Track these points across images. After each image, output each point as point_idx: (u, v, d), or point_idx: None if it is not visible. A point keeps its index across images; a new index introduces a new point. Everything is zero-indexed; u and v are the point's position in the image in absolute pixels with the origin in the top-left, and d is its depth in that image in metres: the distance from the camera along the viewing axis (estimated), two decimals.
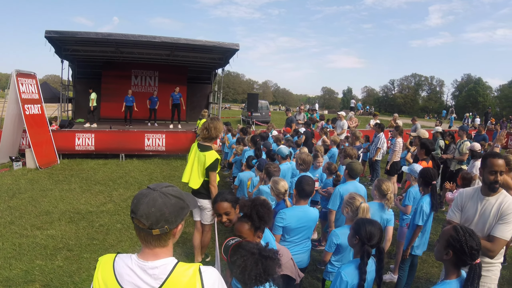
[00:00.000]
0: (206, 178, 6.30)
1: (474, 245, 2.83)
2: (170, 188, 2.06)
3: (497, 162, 3.86)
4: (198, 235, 6.70)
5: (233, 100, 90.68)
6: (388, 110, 73.03)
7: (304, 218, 4.83)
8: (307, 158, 7.09)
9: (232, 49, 17.56)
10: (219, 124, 6.35)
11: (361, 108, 53.23)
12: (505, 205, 3.81)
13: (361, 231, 3.49)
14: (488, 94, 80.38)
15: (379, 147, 12.58)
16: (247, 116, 27.41)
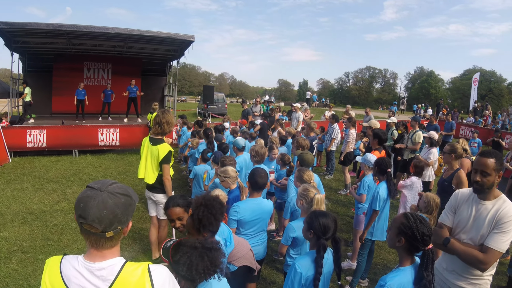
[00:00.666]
0: (161, 172, 6.24)
1: (425, 231, 2.88)
2: (116, 186, 2.01)
3: (481, 160, 3.51)
4: (154, 230, 6.64)
5: (189, 93, 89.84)
6: (343, 101, 73.94)
7: (258, 211, 4.86)
8: (260, 150, 7.10)
9: (187, 40, 17.43)
10: (171, 117, 6.29)
11: (317, 100, 53.66)
12: (502, 212, 3.41)
13: (315, 225, 3.49)
14: (440, 86, 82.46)
15: (333, 137, 12.82)
16: (203, 108, 27.18)
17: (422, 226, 2.90)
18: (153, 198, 6.46)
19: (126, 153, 16.37)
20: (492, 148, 14.28)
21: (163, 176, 6.24)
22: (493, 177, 3.46)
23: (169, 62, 23.16)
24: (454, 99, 72.99)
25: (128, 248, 7.27)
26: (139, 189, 9.46)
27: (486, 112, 30.96)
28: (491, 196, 3.52)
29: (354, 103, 72.70)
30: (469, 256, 3.45)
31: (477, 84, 35.54)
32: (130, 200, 2.02)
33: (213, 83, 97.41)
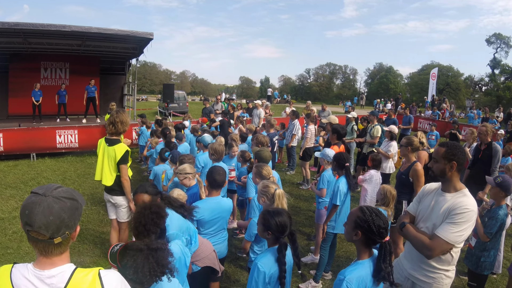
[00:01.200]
0: (119, 173, 6.10)
1: (381, 223, 2.93)
2: (61, 190, 1.97)
3: (435, 149, 3.77)
4: (115, 234, 6.49)
5: (150, 91, 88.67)
6: (304, 98, 74.37)
7: (218, 210, 4.82)
8: (218, 148, 7.06)
9: (146, 38, 17.11)
10: (125, 117, 6.17)
11: (278, 97, 53.89)
12: (457, 204, 3.49)
13: (271, 225, 3.45)
14: (399, 82, 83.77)
15: (294, 133, 12.89)
16: (164, 107, 26.95)
17: (378, 219, 2.94)
18: (112, 201, 6.31)
19: (85, 155, 16.03)
20: (449, 140, 14.67)
21: (121, 177, 6.10)
22: (442, 165, 3.60)
23: (128, 61, 22.75)
24: (413, 94, 74.49)
25: (89, 253, 7.14)
26: (99, 192, 9.33)
27: (443, 105, 31.68)
28: (452, 189, 3.62)
29: (315, 99, 73.20)
30: (418, 241, 3.59)
31: (435, 79, 36.27)
32: (77, 203, 1.98)
33: (174, 81, 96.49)
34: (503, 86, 59.35)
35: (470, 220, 3.43)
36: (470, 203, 3.47)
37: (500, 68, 66.44)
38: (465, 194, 3.55)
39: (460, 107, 54.55)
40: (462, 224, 3.40)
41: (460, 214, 3.41)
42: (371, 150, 11.13)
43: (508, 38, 66.07)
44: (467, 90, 73.87)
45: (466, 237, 3.51)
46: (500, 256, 6.73)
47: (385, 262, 2.93)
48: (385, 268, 2.92)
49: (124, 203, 6.27)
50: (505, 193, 5.22)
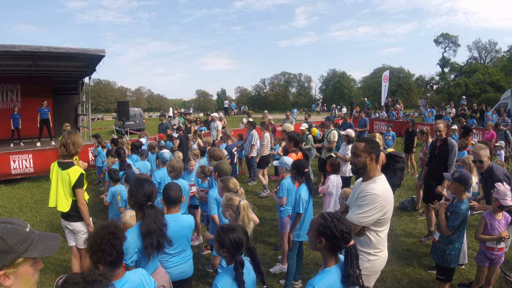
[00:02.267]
0: (75, 198, 5.86)
1: (344, 228, 2.92)
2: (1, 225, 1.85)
3: (354, 144, 4.15)
4: (76, 261, 6.25)
5: (106, 110, 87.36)
6: (262, 108, 74.58)
7: (177, 227, 4.57)
8: (176, 165, 6.88)
9: (98, 55, 16.78)
10: (76, 138, 5.91)
11: (235, 108, 53.97)
12: (362, 188, 3.93)
13: (226, 242, 3.36)
14: (352, 86, 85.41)
15: (253, 144, 12.88)
16: (120, 125, 26.52)
17: (340, 224, 2.93)
18: (70, 227, 6.07)
19: (41, 180, 15.52)
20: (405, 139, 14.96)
21: (78, 202, 5.87)
22: (363, 158, 3.96)
23: (81, 79, 22.11)
24: (366, 97, 75.85)
25: (51, 283, 6.81)
26: (58, 218, 8.97)
27: (397, 106, 32.36)
28: (367, 177, 4.01)
29: (272, 109, 73.84)
30: None
31: (388, 81, 36.97)
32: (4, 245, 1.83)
33: (130, 98, 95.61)
34: (453, 83, 61.01)
35: (372, 202, 3.78)
36: (375, 187, 3.86)
37: (450, 66, 68.64)
38: (374, 181, 3.96)
39: (413, 106, 55.94)
40: (364, 206, 3.79)
41: (362, 197, 3.83)
42: (329, 155, 11.23)
43: (456, 37, 68.49)
44: (419, 90, 76.05)
45: (374, 220, 3.83)
46: (464, 247, 6.93)
47: (353, 266, 2.91)
48: (353, 272, 2.90)
49: (82, 229, 6.03)
50: (465, 187, 5.31)
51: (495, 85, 52.48)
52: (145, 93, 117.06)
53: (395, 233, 8.70)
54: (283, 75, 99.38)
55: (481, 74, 55.51)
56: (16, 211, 11.42)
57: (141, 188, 4.05)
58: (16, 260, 1.87)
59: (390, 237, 8.35)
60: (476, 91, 53.31)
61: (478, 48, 68.81)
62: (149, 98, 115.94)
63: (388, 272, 6.83)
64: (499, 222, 5.44)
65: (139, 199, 4.02)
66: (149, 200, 4.05)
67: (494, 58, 67.22)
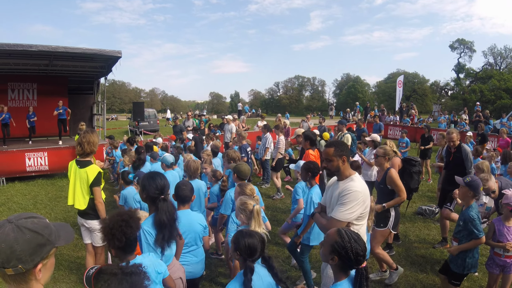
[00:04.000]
0: (92, 196, 5.89)
1: (359, 250, 2.83)
2: (29, 220, 1.87)
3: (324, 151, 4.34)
4: (91, 258, 6.25)
5: (120, 110, 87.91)
6: (275, 111, 74.65)
7: (187, 222, 4.72)
8: (191, 165, 7.03)
9: (114, 56, 16.83)
10: (92, 137, 5.94)
11: (249, 111, 53.98)
12: (343, 187, 4.12)
13: (241, 246, 3.35)
14: (366, 91, 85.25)
15: (267, 147, 12.91)
16: (134, 126, 26.67)
17: (356, 245, 2.84)
18: (86, 225, 6.09)
19: (56, 177, 15.71)
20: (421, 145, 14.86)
21: (95, 200, 5.91)
22: (335, 162, 4.20)
23: (96, 80, 22.29)
24: (381, 102, 75.56)
25: (65, 279, 6.91)
26: (72, 215, 9.12)
27: (412, 111, 32.18)
28: (343, 177, 4.25)
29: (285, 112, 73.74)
30: (320, 224, 4.33)
31: (402, 86, 36.81)
32: (41, 239, 1.86)
33: (144, 99, 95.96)
34: (468, 89, 60.60)
35: (355, 199, 4.02)
36: (355, 185, 4.10)
37: (465, 72, 67.86)
38: (352, 179, 4.19)
39: (427, 112, 55.58)
40: (348, 204, 4.00)
41: (345, 195, 4.03)
42: None
43: (471, 43, 67.91)
44: (434, 95, 75.46)
45: (358, 214, 4.06)
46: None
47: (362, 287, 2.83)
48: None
49: (98, 227, 6.04)
50: (473, 193, 5.29)
51: (510, 92, 52.04)
52: (159, 94, 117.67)
53: (408, 239, 8.65)
54: (296, 79, 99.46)
55: (496, 80, 55.11)
56: (31, 208, 11.52)
57: (153, 182, 4.12)
58: (51, 251, 1.92)
59: (404, 243, 8.38)
60: (491, 98, 52.94)
61: (494, 54, 67.98)
62: (163, 99, 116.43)
63: (401, 278, 6.77)
64: (508, 229, 5.38)
65: (152, 192, 4.09)
66: (161, 193, 4.11)
67: (510, 64, 66.41)
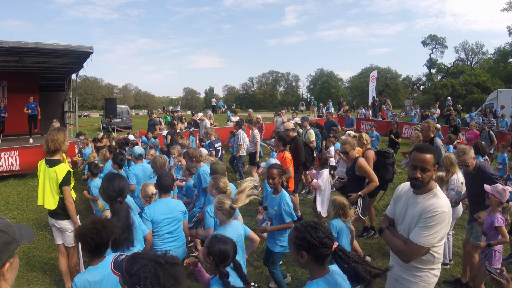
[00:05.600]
0: (62, 196, 5.81)
1: (320, 234, 2.71)
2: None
3: (418, 156, 3.56)
4: (63, 259, 6.19)
5: (93, 107, 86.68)
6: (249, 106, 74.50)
7: (168, 209, 5.11)
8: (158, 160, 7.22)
9: (85, 52, 16.61)
10: (57, 134, 5.83)
11: (223, 106, 53.89)
12: (426, 206, 3.49)
13: (215, 250, 3.40)
14: (340, 86, 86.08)
15: (240, 143, 12.91)
16: (107, 123, 26.38)
17: (315, 230, 2.72)
18: (57, 225, 6.02)
19: (28, 177, 15.29)
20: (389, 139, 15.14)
21: (64, 200, 5.82)
22: (432, 173, 3.55)
23: (68, 76, 21.97)
24: (354, 97, 76.39)
25: (39, 281, 6.85)
26: (45, 216, 8.94)
27: (383, 107, 32.58)
28: (425, 190, 3.60)
29: (259, 107, 73.94)
30: (394, 246, 3.70)
31: (375, 81, 37.20)
32: (7, 237, 1.86)
33: (116, 96, 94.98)
34: (440, 84, 61.51)
35: (442, 221, 3.43)
36: (441, 204, 3.46)
37: (436, 67, 69.16)
38: (435, 194, 3.56)
39: (399, 106, 56.35)
40: (434, 227, 3.41)
41: (431, 217, 3.41)
42: None
43: (443, 39, 68.97)
44: (406, 90, 76.59)
45: (440, 238, 3.49)
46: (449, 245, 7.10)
47: (349, 265, 2.65)
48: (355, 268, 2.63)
49: (69, 227, 5.97)
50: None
51: (481, 87, 52.85)
52: (132, 90, 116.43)
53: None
54: (271, 74, 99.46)
55: (467, 75, 55.91)
56: (2, 209, 11.31)
57: (112, 183, 4.20)
58: (16, 249, 1.91)
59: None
60: (462, 92, 53.67)
61: (465, 50, 69.47)
62: (136, 95, 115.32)
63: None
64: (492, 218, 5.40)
65: (110, 194, 4.18)
66: (119, 196, 4.18)
67: (481, 60, 67.85)
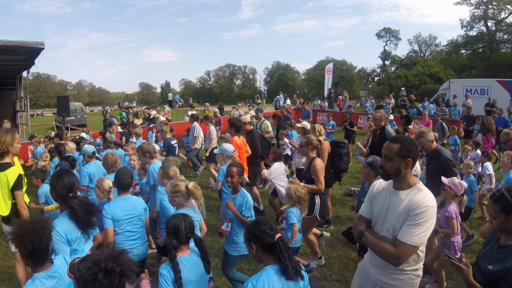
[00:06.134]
0: (14, 201, 5.59)
1: (262, 227, 3.15)
2: None
3: (385, 145, 3.48)
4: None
5: (46, 105, 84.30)
6: (207, 100, 74.32)
7: (129, 206, 5.02)
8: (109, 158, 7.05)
9: (36, 48, 16.24)
10: (5, 136, 5.56)
11: (180, 101, 53.49)
12: (414, 202, 3.27)
13: (168, 226, 3.65)
14: (296, 78, 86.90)
15: (196, 135, 12.92)
16: (60, 121, 25.72)
17: (259, 224, 3.19)
18: None
19: None
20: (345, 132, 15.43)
21: (17, 205, 5.58)
22: (397, 163, 3.34)
23: (19, 74, 21.33)
24: (310, 89, 77.23)
25: None
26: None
27: (340, 97, 33.06)
28: (405, 185, 3.41)
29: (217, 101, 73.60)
30: (381, 250, 3.36)
31: (331, 73, 37.65)
32: None
33: (70, 92, 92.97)
34: (394, 75, 62.84)
35: (432, 217, 3.26)
36: (429, 198, 3.29)
37: (390, 59, 70.65)
38: (420, 189, 3.36)
39: (355, 97, 57.34)
40: (425, 224, 3.22)
41: (421, 213, 3.22)
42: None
43: (397, 31, 70.42)
44: (361, 82, 77.87)
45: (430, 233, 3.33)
46: None
47: (285, 258, 3.06)
48: (290, 262, 3.07)
49: None
50: (375, 173, 5.53)
51: (434, 77, 54.34)
52: (86, 86, 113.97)
53: (339, 219, 9.01)
54: (228, 67, 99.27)
55: (420, 66, 57.40)
56: None
57: (61, 180, 4.13)
58: None
59: (335, 224, 8.67)
60: (415, 83, 55.02)
61: (419, 42, 71.29)
62: (91, 92, 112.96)
63: (335, 258, 7.14)
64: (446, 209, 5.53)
65: (60, 191, 4.10)
66: (70, 191, 4.11)
67: (434, 52, 69.96)
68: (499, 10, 50.99)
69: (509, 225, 3.02)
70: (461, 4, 52.64)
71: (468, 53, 54.35)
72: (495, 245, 3.20)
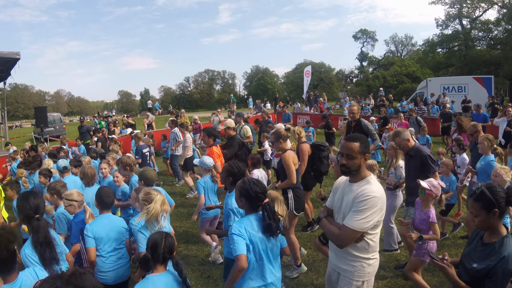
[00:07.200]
0: None
1: (258, 190, 3.81)
2: None
3: (345, 144, 3.68)
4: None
5: (25, 116, 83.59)
6: (187, 106, 74.26)
7: (111, 225, 4.94)
8: (87, 171, 6.75)
9: (12, 58, 15.99)
10: None
11: (159, 108, 53.20)
12: (358, 191, 3.57)
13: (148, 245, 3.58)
14: (275, 82, 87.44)
15: (179, 140, 12.75)
16: (39, 133, 25.32)
17: (255, 186, 3.83)
18: None
19: None
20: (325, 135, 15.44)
21: None
22: (358, 160, 3.60)
23: None
24: (290, 92, 77.65)
25: None
26: None
27: (319, 99, 33.17)
28: (358, 178, 3.67)
29: (197, 107, 73.68)
30: (329, 232, 3.76)
31: (310, 75, 37.75)
32: None
33: (49, 103, 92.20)
34: (372, 76, 63.42)
35: (374, 206, 3.48)
36: (373, 189, 3.54)
37: (368, 60, 71.57)
38: (368, 182, 3.63)
39: (334, 99, 57.76)
40: (365, 211, 3.46)
41: (362, 201, 3.48)
42: None
43: (373, 32, 71.68)
44: (340, 83, 78.62)
45: (375, 223, 3.55)
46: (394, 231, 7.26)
47: (270, 218, 3.73)
48: (273, 222, 3.75)
49: None
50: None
51: (411, 76, 55.16)
52: (64, 96, 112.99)
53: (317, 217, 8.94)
54: (207, 73, 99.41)
55: (398, 66, 58.18)
56: None
57: (27, 202, 4.08)
58: None
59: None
60: (393, 83, 55.69)
61: (395, 42, 72.75)
62: (69, 101, 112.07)
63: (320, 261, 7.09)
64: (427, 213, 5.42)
65: (26, 213, 4.05)
66: (36, 213, 4.06)
67: (411, 51, 71.46)
68: (473, 9, 51.76)
69: (491, 223, 3.15)
70: (436, 4, 53.37)
71: (444, 52, 54.95)
72: (479, 243, 3.33)
